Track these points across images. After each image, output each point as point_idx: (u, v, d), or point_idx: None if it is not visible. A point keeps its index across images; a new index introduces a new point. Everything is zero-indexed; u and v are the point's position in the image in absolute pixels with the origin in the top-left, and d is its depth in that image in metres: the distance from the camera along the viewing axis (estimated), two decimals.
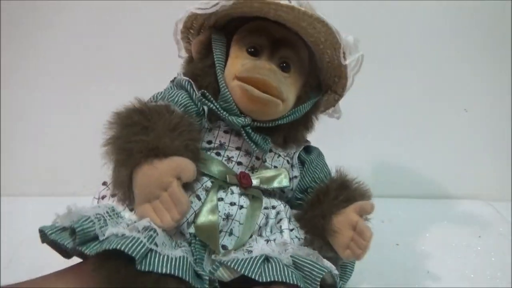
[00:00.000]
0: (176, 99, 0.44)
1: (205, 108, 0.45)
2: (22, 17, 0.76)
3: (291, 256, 0.41)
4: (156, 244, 0.35)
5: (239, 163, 0.46)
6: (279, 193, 0.49)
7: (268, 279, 0.37)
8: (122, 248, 0.33)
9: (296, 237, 0.46)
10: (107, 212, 0.38)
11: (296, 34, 0.45)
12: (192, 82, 0.46)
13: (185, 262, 0.36)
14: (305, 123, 0.49)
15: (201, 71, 0.46)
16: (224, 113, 0.44)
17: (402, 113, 0.86)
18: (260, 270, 0.37)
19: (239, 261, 0.38)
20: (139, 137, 0.37)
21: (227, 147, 0.46)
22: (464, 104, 0.86)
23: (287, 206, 0.48)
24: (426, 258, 0.63)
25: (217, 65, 0.45)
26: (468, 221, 0.77)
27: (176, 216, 0.36)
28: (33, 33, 0.77)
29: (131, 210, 0.40)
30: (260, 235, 0.44)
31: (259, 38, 0.45)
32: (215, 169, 0.44)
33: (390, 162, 0.85)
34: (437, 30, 0.83)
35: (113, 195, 0.42)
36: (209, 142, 0.45)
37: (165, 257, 0.35)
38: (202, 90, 0.44)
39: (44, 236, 0.36)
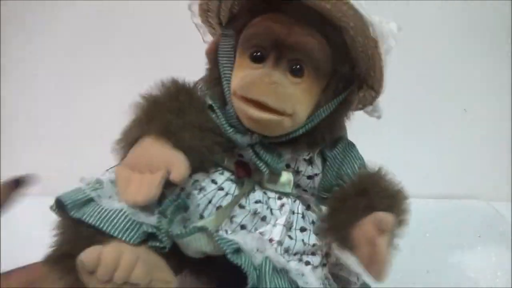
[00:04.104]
0: None
1: None
2: (22, 17, 0.76)
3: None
4: (99, 196, 0.35)
5: (240, 155, 0.42)
6: (300, 191, 0.44)
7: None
8: (61, 198, 0.34)
9: (303, 240, 0.40)
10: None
11: (315, 26, 0.38)
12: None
13: (120, 215, 0.34)
14: (329, 126, 0.42)
15: (213, 85, 0.42)
16: (230, 129, 0.39)
17: (402, 113, 0.85)
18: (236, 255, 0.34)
19: (224, 237, 0.35)
20: (170, 115, 0.37)
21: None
22: (464, 104, 0.86)
23: (297, 202, 0.43)
24: (426, 258, 0.63)
25: (222, 76, 0.41)
26: (468, 221, 0.77)
27: (139, 198, 0.34)
28: (33, 33, 0.78)
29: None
30: (243, 229, 0.39)
31: (264, 39, 0.38)
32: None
33: (390, 162, 0.84)
34: (437, 30, 0.83)
35: None
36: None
37: (100, 207, 0.34)
38: (210, 103, 0.41)
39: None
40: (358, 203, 0.38)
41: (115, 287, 0.31)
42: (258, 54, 0.39)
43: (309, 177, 0.43)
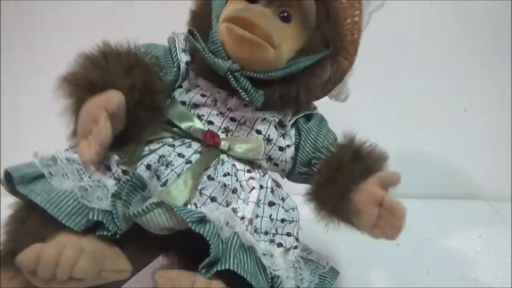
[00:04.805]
0: (150, 50, 0.43)
1: (182, 65, 0.43)
2: (22, 17, 0.76)
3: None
4: (50, 174, 0.34)
5: (210, 122, 0.42)
6: (270, 165, 0.44)
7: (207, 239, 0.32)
8: (10, 170, 0.34)
9: (270, 216, 0.40)
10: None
11: None
12: (176, 38, 0.44)
13: (68, 198, 0.33)
14: (306, 83, 0.43)
15: (200, 19, 0.42)
16: (210, 55, 0.39)
17: (402, 113, 0.86)
18: (200, 226, 0.33)
19: (185, 208, 0.34)
20: (91, 73, 0.36)
21: (201, 108, 0.42)
22: (464, 104, 0.86)
23: (267, 176, 0.43)
24: (426, 258, 0.62)
25: (213, 9, 0.41)
26: (468, 221, 0.76)
27: (95, 147, 0.33)
28: (33, 33, 0.78)
29: None
30: (213, 201, 0.38)
31: None
32: (181, 119, 0.41)
33: (390, 162, 0.84)
34: (437, 29, 0.83)
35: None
36: (183, 103, 0.42)
37: (49, 187, 0.33)
38: (190, 28, 0.41)
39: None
40: (354, 168, 0.39)
41: (61, 286, 0.29)
42: None
43: (281, 148, 0.44)
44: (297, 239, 0.41)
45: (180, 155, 0.39)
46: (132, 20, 0.78)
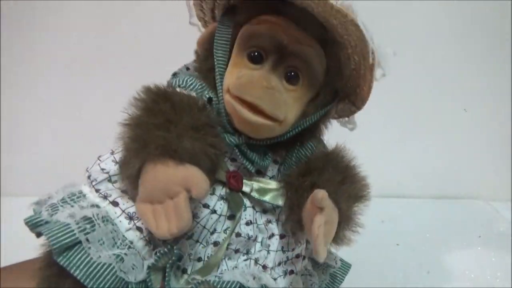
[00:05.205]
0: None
1: None
2: (22, 17, 0.76)
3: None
4: (88, 240, 0.33)
5: (233, 160, 0.40)
6: (270, 210, 0.43)
7: None
8: (44, 233, 0.33)
9: (283, 248, 0.41)
10: (69, 197, 0.37)
11: (316, 37, 0.38)
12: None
13: (107, 271, 0.33)
14: (312, 131, 0.42)
15: (203, 73, 0.41)
16: (219, 128, 0.38)
17: (402, 113, 0.86)
18: None
19: (221, 282, 0.35)
20: (160, 131, 0.34)
21: None
22: (464, 104, 0.86)
23: (279, 223, 0.42)
24: (426, 258, 0.63)
25: (216, 70, 0.39)
26: (468, 221, 0.77)
27: (174, 230, 0.32)
28: (33, 33, 0.78)
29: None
30: (237, 252, 0.39)
31: (265, 41, 0.37)
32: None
33: (390, 162, 0.85)
34: (437, 29, 0.83)
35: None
36: None
37: (87, 258, 0.33)
38: (209, 96, 0.38)
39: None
40: (303, 183, 0.38)
41: None
42: (257, 54, 0.38)
43: (272, 177, 0.42)
44: (304, 248, 0.42)
45: (205, 205, 0.38)
46: (132, 20, 0.78)
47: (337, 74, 0.40)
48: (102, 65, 0.79)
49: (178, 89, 0.38)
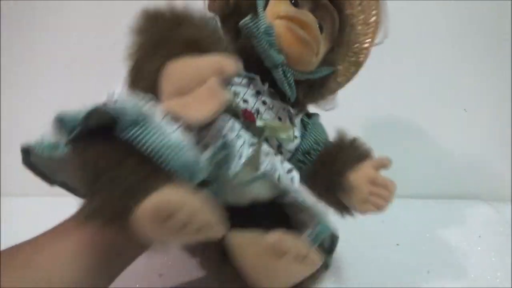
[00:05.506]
0: None
1: None
2: (22, 17, 0.76)
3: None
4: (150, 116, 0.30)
5: (245, 101, 0.42)
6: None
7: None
8: (114, 112, 0.29)
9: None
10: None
11: None
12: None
13: (180, 147, 0.30)
14: (323, 88, 0.49)
15: (238, 9, 0.42)
16: (266, 46, 0.40)
17: (402, 113, 0.86)
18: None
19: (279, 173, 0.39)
20: (173, 31, 0.34)
21: (237, 86, 0.43)
22: (464, 104, 0.86)
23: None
24: (426, 258, 0.62)
25: (257, 2, 0.41)
26: (468, 221, 0.77)
27: (214, 106, 0.31)
28: (33, 33, 0.77)
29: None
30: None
31: None
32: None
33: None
34: (436, 29, 0.83)
35: None
36: None
37: (159, 130, 0.29)
38: (246, 19, 0.40)
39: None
40: (351, 153, 0.47)
41: (188, 236, 0.28)
42: (295, 1, 0.44)
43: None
44: None
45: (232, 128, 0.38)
46: (132, 20, 0.78)
47: (346, 32, 0.48)
48: (102, 65, 0.79)
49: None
